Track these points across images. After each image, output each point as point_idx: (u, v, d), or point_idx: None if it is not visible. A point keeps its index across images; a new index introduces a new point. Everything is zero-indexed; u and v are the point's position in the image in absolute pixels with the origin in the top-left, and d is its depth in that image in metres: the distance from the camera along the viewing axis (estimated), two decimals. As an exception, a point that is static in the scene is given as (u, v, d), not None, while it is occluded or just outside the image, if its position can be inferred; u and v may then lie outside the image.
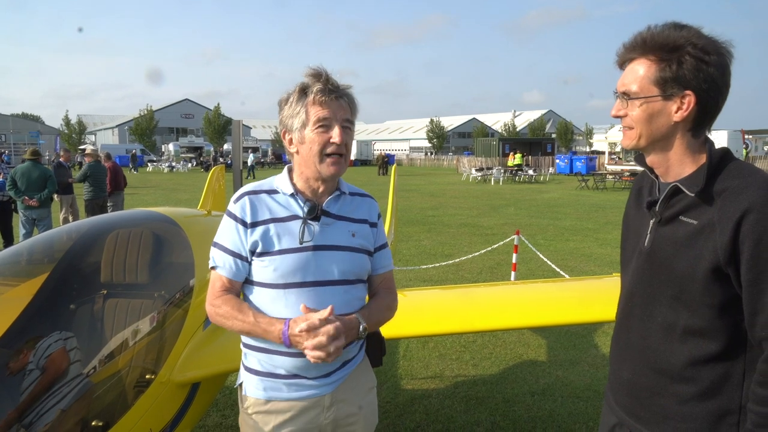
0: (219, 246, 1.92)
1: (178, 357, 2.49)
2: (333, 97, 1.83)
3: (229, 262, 1.89)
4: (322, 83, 1.83)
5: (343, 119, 1.86)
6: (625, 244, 1.82)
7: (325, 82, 1.84)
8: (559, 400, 4.51)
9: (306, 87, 1.85)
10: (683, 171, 1.58)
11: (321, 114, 1.82)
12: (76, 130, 67.71)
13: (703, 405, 1.54)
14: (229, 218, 1.91)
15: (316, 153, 1.84)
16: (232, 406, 4.41)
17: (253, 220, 1.87)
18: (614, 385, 1.80)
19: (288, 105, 1.88)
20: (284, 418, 1.91)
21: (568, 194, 24.15)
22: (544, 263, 8.63)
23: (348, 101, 1.89)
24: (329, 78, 1.85)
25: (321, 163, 1.85)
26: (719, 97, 1.54)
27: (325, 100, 1.82)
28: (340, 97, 1.86)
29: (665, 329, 1.59)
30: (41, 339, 2.13)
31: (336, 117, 1.84)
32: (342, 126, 1.85)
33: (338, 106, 1.85)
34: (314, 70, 1.86)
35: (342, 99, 1.86)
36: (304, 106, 1.84)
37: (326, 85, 1.83)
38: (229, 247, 1.89)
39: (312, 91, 1.83)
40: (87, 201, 11.30)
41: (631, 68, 1.59)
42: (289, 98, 1.88)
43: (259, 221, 1.87)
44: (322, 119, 1.83)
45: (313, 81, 1.84)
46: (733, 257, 1.44)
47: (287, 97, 1.89)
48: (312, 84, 1.84)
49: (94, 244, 2.81)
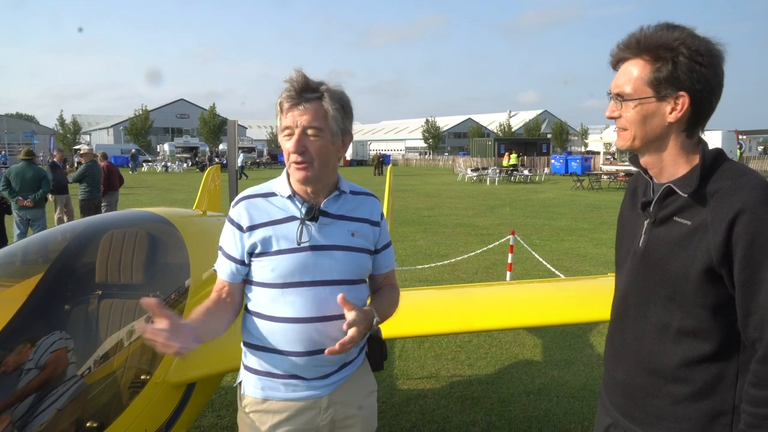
0: (221, 250, 1.96)
1: (173, 357, 2.49)
2: (294, 103, 1.80)
3: (225, 264, 1.93)
4: (287, 90, 1.81)
5: (304, 126, 1.80)
6: (619, 244, 1.82)
7: (290, 89, 1.81)
8: (555, 399, 4.52)
9: (281, 93, 1.84)
10: (677, 172, 1.58)
11: (284, 122, 1.83)
12: (71, 130, 67.56)
13: (696, 405, 1.54)
14: (228, 223, 1.94)
15: (286, 160, 1.87)
16: (228, 406, 4.41)
17: (249, 224, 1.88)
18: (609, 385, 1.80)
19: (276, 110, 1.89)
20: (281, 417, 1.91)
21: (564, 194, 24.21)
22: (540, 263, 8.64)
23: (317, 106, 1.81)
24: (296, 83, 1.81)
25: (291, 169, 1.87)
26: (713, 98, 1.54)
27: (288, 107, 1.81)
28: (305, 103, 1.80)
29: (659, 330, 1.59)
30: (37, 339, 2.12)
31: (297, 124, 1.80)
32: (304, 133, 1.81)
33: (301, 112, 1.80)
34: (290, 75, 1.83)
35: (307, 104, 1.80)
36: (278, 114, 1.85)
37: (290, 92, 1.80)
38: (228, 252, 1.93)
39: (281, 98, 1.83)
40: (83, 201, 11.26)
41: (625, 69, 1.59)
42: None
43: (256, 224, 1.88)
44: (285, 127, 1.83)
45: (285, 86, 1.83)
46: (726, 258, 1.44)
47: None
48: (283, 89, 1.83)
49: (89, 245, 2.81)
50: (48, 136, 59.05)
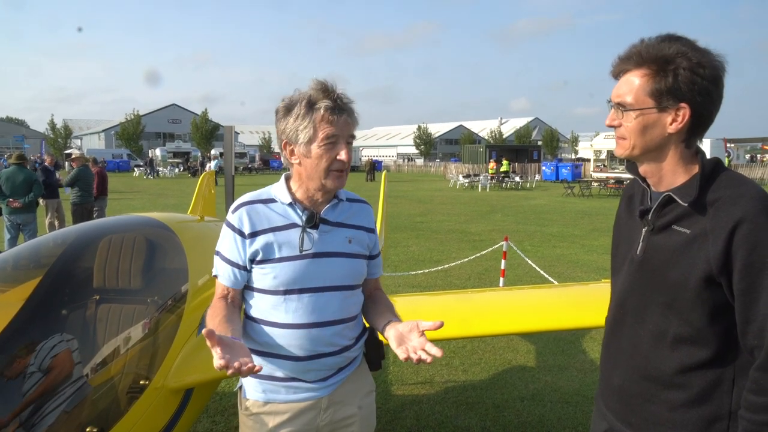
0: (219, 255, 1.95)
1: (172, 362, 2.49)
2: (342, 114, 1.84)
3: (227, 271, 1.93)
4: (332, 100, 1.82)
5: (348, 136, 1.87)
6: (616, 251, 1.82)
7: (335, 99, 1.83)
8: (549, 405, 4.55)
9: (313, 101, 1.82)
10: (676, 180, 1.60)
11: (330, 131, 1.82)
12: (62, 134, 67.16)
13: (693, 411, 1.56)
14: (228, 228, 1.93)
15: (323, 169, 1.85)
16: (222, 411, 4.40)
17: (251, 231, 1.88)
18: (605, 391, 1.81)
19: (293, 117, 1.84)
20: (282, 419, 1.94)
21: (554, 201, 24.34)
22: (532, 269, 8.69)
23: (353, 117, 1.89)
24: (338, 95, 1.84)
25: (326, 178, 1.87)
26: (713, 109, 1.56)
27: (334, 118, 1.82)
28: (348, 114, 1.86)
29: (656, 336, 1.61)
30: (38, 343, 2.12)
31: (342, 134, 1.84)
32: (347, 143, 1.87)
33: (345, 123, 1.85)
34: (322, 84, 1.84)
35: (349, 116, 1.87)
36: (312, 121, 1.82)
37: (336, 103, 1.82)
38: (228, 257, 1.92)
39: (320, 107, 1.81)
40: (75, 205, 11.19)
41: (626, 79, 1.60)
42: (293, 110, 1.85)
43: (258, 231, 1.89)
44: (330, 136, 1.82)
45: (320, 96, 1.82)
46: (725, 266, 1.45)
47: (289, 107, 1.86)
48: (319, 99, 1.82)
49: (87, 249, 2.80)
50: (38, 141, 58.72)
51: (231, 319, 1.83)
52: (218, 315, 1.84)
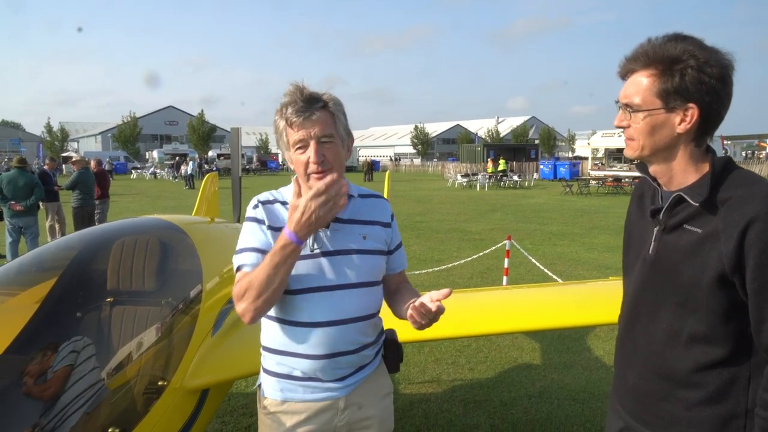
0: (244, 249, 1.90)
1: (189, 363, 2.51)
2: (306, 116, 1.81)
3: (256, 258, 1.85)
4: (293, 104, 1.81)
5: (319, 136, 1.83)
6: (627, 250, 1.82)
7: (296, 102, 1.81)
8: (556, 402, 4.58)
9: (282, 108, 1.84)
10: (686, 180, 1.60)
11: (296, 137, 1.82)
12: (59, 137, 66.98)
13: (709, 410, 1.56)
14: (251, 222, 1.93)
15: (302, 174, 1.86)
16: (231, 412, 4.42)
17: (270, 224, 1.91)
18: (619, 390, 1.81)
19: (274, 129, 1.89)
20: (299, 418, 1.95)
21: (553, 199, 24.38)
22: (534, 268, 8.71)
23: (325, 115, 1.85)
24: (301, 96, 1.82)
25: (309, 181, 1.86)
26: (722, 108, 1.56)
27: (298, 121, 1.80)
28: (315, 112, 1.82)
29: (670, 335, 1.61)
30: (58, 345, 2.13)
31: (311, 135, 1.82)
32: (319, 142, 1.83)
33: (313, 123, 1.81)
34: (289, 89, 1.84)
35: (317, 113, 1.83)
36: (284, 129, 1.85)
37: (297, 106, 1.81)
38: (256, 246, 1.87)
39: (287, 114, 1.82)
40: (76, 208, 11.18)
41: (634, 80, 1.59)
42: (275, 120, 1.88)
43: (275, 227, 1.90)
44: (298, 141, 1.82)
45: (287, 102, 1.82)
46: (738, 265, 1.45)
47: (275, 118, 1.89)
48: (286, 105, 1.82)
49: (101, 252, 2.82)
50: (35, 144, 58.58)
51: None
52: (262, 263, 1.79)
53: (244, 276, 1.81)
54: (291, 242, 1.71)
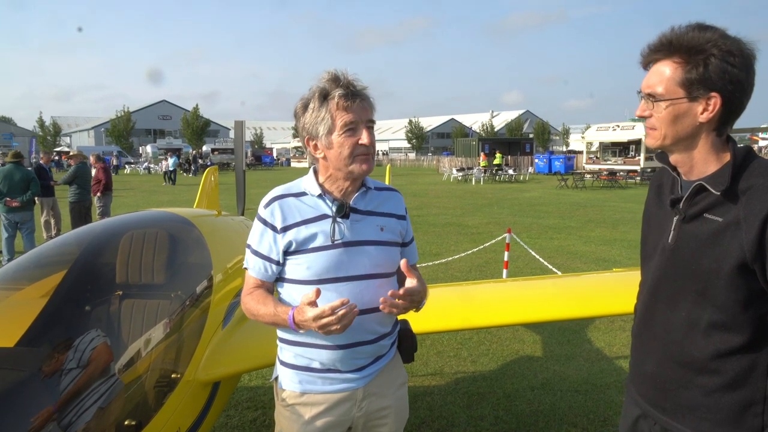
0: (251, 248, 1.98)
1: (201, 356, 2.51)
2: (356, 100, 1.86)
3: (258, 264, 1.96)
4: (344, 87, 1.85)
5: (366, 120, 1.90)
6: (646, 239, 1.84)
7: (347, 86, 1.86)
8: (559, 393, 4.61)
9: (326, 92, 1.86)
10: (707, 169, 1.61)
11: (347, 118, 1.85)
12: (51, 132, 66.55)
13: (728, 396, 1.58)
14: (260, 223, 1.96)
15: (347, 156, 1.88)
16: (236, 406, 4.42)
17: (283, 225, 1.92)
18: (636, 378, 1.83)
19: (310, 112, 1.89)
20: (318, 410, 1.96)
21: (549, 193, 24.44)
22: (532, 261, 8.74)
23: (368, 102, 1.92)
24: (350, 81, 1.88)
25: (352, 164, 1.89)
26: (744, 98, 1.57)
27: (349, 104, 1.85)
28: (362, 99, 1.89)
29: (689, 324, 1.62)
30: (68, 340, 2.13)
31: (361, 119, 1.88)
32: (367, 127, 1.90)
33: (361, 108, 1.88)
34: (333, 74, 1.88)
35: (364, 100, 1.90)
36: (328, 111, 1.86)
37: (348, 89, 1.85)
38: (260, 251, 1.95)
39: (334, 96, 1.85)
40: (72, 203, 11.12)
41: (656, 69, 1.61)
42: (309, 105, 1.89)
43: (290, 225, 1.92)
44: (348, 123, 1.86)
45: (333, 86, 1.86)
46: (759, 254, 1.47)
47: (305, 104, 1.91)
48: (332, 89, 1.86)
49: (109, 245, 2.81)
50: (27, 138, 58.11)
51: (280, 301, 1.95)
52: (267, 298, 1.94)
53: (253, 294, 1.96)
54: (290, 328, 1.87)
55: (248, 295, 1.96)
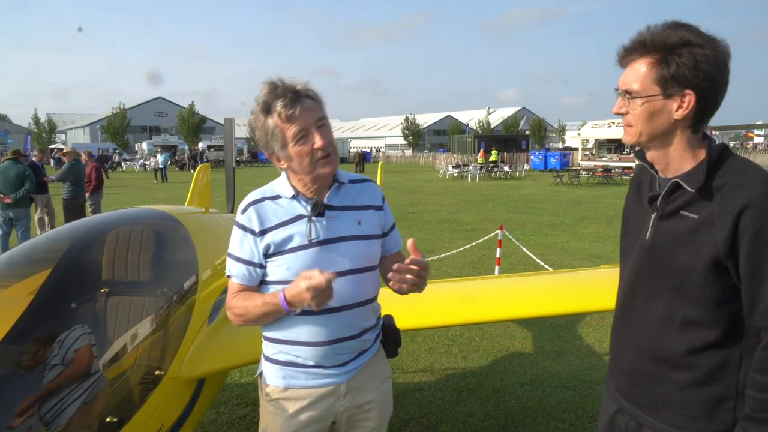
0: (232, 256, 1.98)
1: (186, 352, 2.52)
2: (297, 106, 1.81)
3: (242, 270, 1.96)
4: (283, 97, 1.81)
5: (315, 121, 1.85)
6: (625, 236, 1.86)
7: (285, 94, 1.81)
8: (548, 389, 4.63)
9: (268, 106, 1.83)
10: (683, 166, 1.63)
11: (295, 129, 1.82)
12: (46, 129, 66.30)
13: (701, 391, 1.60)
14: (239, 229, 1.96)
15: (308, 164, 1.87)
16: (226, 402, 4.43)
17: (261, 228, 1.92)
18: (615, 373, 1.85)
19: (259, 128, 1.87)
20: (302, 404, 1.98)
21: (544, 190, 24.48)
22: (525, 258, 8.77)
23: (312, 101, 1.87)
24: (287, 87, 1.83)
25: (316, 169, 1.88)
26: (718, 95, 1.59)
27: (292, 113, 1.80)
28: (305, 102, 1.83)
29: (665, 319, 1.64)
30: (53, 336, 2.14)
31: (309, 123, 1.84)
32: (318, 127, 1.86)
33: (306, 111, 1.83)
34: (270, 84, 1.84)
35: (307, 102, 1.84)
36: (276, 126, 1.83)
37: (287, 97, 1.81)
38: (242, 256, 1.95)
39: (276, 108, 1.81)
40: (66, 200, 11.09)
41: (633, 67, 1.63)
42: (257, 120, 1.86)
43: (268, 228, 1.92)
44: (298, 133, 1.82)
45: (272, 98, 1.82)
46: (732, 250, 1.49)
47: (255, 119, 1.87)
48: (272, 101, 1.81)
49: (95, 243, 2.81)
50: (22, 135, 57.92)
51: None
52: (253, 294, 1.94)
53: (238, 294, 1.95)
54: (282, 309, 1.83)
55: (233, 299, 1.95)
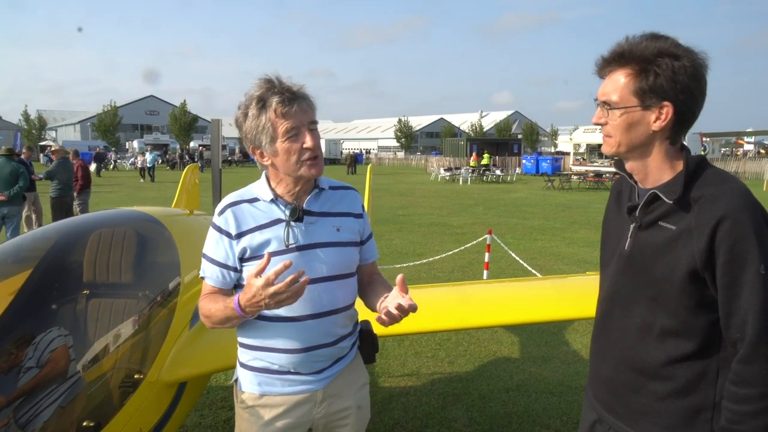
0: (206, 257, 1.96)
1: (166, 356, 2.50)
2: (294, 104, 1.82)
3: (216, 272, 1.94)
4: (280, 93, 1.81)
5: (308, 122, 1.86)
6: (605, 246, 1.86)
7: (282, 91, 1.82)
8: (534, 395, 4.63)
9: (263, 100, 1.82)
10: (662, 177, 1.64)
11: (288, 125, 1.82)
12: (36, 125, 65.81)
13: (679, 402, 1.60)
14: (215, 231, 1.94)
15: (294, 162, 1.86)
16: (210, 405, 4.40)
17: (238, 231, 1.90)
18: (594, 382, 1.85)
19: (249, 121, 1.85)
20: (278, 412, 1.96)
21: (535, 194, 24.56)
22: (514, 262, 8.78)
23: (307, 103, 1.88)
24: (285, 86, 1.84)
25: (301, 169, 1.87)
26: (696, 107, 1.60)
27: (287, 110, 1.81)
28: (300, 102, 1.84)
29: (643, 329, 1.65)
30: (31, 338, 2.11)
31: (302, 123, 1.84)
32: (309, 129, 1.86)
33: (301, 111, 1.84)
34: (267, 80, 1.84)
35: (302, 103, 1.85)
36: (268, 120, 1.82)
37: (284, 95, 1.81)
38: (216, 258, 1.93)
39: (272, 103, 1.81)
40: (54, 199, 11.02)
41: (611, 78, 1.63)
42: (248, 113, 1.85)
43: (244, 231, 1.90)
44: (290, 129, 1.82)
45: (268, 93, 1.82)
46: (709, 262, 1.50)
47: (245, 113, 1.86)
48: (269, 96, 1.82)
49: (77, 244, 2.79)
50: (12, 132, 57.38)
51: None
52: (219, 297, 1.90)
53: (207, 296, 1.93)
54: (238, 315, 1.79)
55: (202, 300, 1.93)
